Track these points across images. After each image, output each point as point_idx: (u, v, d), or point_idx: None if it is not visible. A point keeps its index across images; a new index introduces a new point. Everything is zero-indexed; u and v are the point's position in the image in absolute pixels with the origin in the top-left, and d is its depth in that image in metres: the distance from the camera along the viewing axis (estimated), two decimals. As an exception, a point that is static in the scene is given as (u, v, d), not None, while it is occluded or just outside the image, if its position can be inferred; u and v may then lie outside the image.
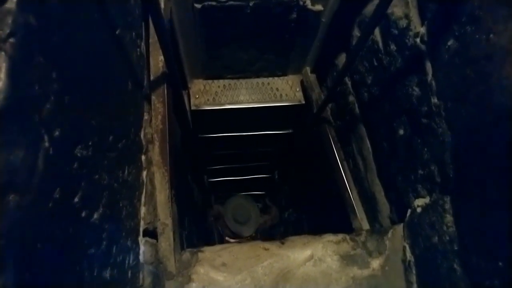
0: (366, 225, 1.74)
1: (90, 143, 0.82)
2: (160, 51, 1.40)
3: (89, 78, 0.85)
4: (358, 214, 1.76)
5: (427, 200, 1.29)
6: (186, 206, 2.64)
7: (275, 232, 4.22)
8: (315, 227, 2.91)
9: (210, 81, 2.17)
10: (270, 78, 2.22)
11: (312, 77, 2.13)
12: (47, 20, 0.66)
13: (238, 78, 2.20)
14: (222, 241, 4.52)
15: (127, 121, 1.16)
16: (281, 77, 2.23)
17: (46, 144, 0.63)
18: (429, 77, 1.24)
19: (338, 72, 1.94)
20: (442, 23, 1.17)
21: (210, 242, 3.98)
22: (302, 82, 2.22)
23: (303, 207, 3.30)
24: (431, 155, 1.25)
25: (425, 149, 1.27)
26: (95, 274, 0.82)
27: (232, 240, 4.13)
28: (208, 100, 2.12)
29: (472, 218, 1.03)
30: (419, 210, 1.32)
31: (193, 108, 2.09)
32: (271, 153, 3.12)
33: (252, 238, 4.36)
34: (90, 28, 0.86)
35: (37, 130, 0.61)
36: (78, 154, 0.76)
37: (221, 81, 2.18)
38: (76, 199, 0.74)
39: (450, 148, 1.13)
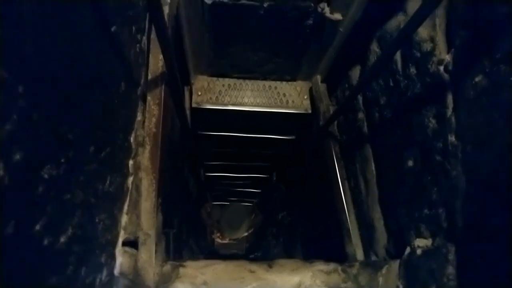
0: (360, 252, 1.66)
1: (62, 160, 0.73)
2: (162, 48, 1.29)
3: (70, 88, 0.75)
4: (353, 239, 1.68)
5: (428, 242, 1.20)
6: (179, 202, 2.56)
7: (268, 232, 4.17)
8: (307, 238, 2.84)
9: (214, 79, 2.06)
10: (278, 82, 2.11)
11: (323, 86, 2.02)
12: (17, 25, 0.56)
13: (244, 78, 2.08)
14: (212, 235, 4.50)
15: (115, 126, 1.07)
16: (290, 82, 2.11)
17: (1, 172, 0.54)
18: (449, 111, 1.13)
19: (350, 86, 1.82)
20: (471, 55, 1.05)
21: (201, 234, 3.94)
22: (311, 90, 2.10)
23: (298, 213, 3.22)
24: (440, 197, 1.15)
25: (435, 188, 1.17)
26: (54, 305, 0.73)
27: (220, 241, 4.24)
28: (210, 98, 2.02)
29: (478, 278, 0.94)
30: (419, 251, 1.23)
31: (194, 105, 1.98)
32: (271, 155, 3.02)
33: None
34: (76, 30, 0.75)
35: (-12, 158, 0.51)
36: (46, 176, 0.66)
37: (226, 79, 2.07)
38: (37, 227, 0.65)
39: (462, 196, 1.03)
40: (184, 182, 2.85)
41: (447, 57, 1.16)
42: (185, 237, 3.04)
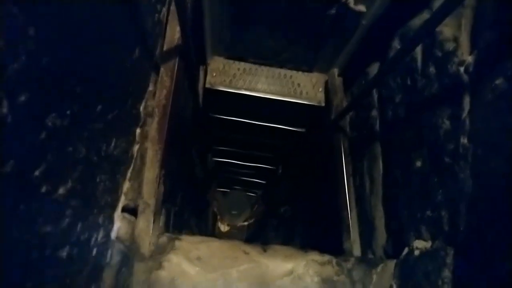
0: (357, 249, 1.64)
1: (68, 112, 0.73)
2: (181, 21, 1.29)
3: (81, 41, 0.75)
4: (351, 235, 1.66)
5: (428, 245, 1.17)
6: (183, 181, 2.58)
7: (268, 223, 4.17)
8: (306, 230, 2.83)
9: (231, 61, 2.05)
10: (294, 72, 2.08)
11: (339, 80, 1.99)
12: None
13: (260, 64, 2.07)
14: (215, 220, 4.53)
15: (125, 91, 1.07)
16: (306, 73, 2.09)
17: (4, 110, 0.54)
18: (465, 113, 1.10)
19: (367, 81, 1.79)
20: (494, 57, 1.02)
21: (203, 218, 3.97)
22: (326, 83, 2.07)
23: (300, 206, 3.21)
24: (444, 199, 1.12)
25: (440, 190, 1.15)
26: (46, 254, 0.74)
27: (222, 226, 4.32)
28: (224, 80, 2.01)
29: (475, 284, 0.92)
30: (417, 252, 1.21)
31: (207, 86, 1.98)
32: (279, 147, 3.01)
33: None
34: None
35: (-8, 93, 0.52)
36: (49, 124, 0.67)
37: (242, 63, 2.06)
38: (36, 173, 0.66)
39: (467, 199, 1.01)
40: (191, 163, 2.86)
41: (469, 58, 1.13)
42: (187, 218, 3.06)
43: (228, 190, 4.63)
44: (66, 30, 0.68)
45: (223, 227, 4.72)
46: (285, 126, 2.47)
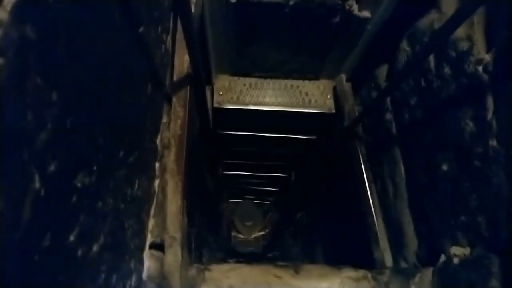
0: (388, 257, 1.60)
1: (94, 168, 0.71)
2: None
3: (102, 91, 0.73)
4: (381, 244, 1.62)
5: (466, 251, 1.14)
6: (199, 201, 2.56)
7: (285, 232, 4.13)
8: (328, 240, 2.79)
9: (236, 78, 2.03)
10: (300, 81, 2.06)
11: (347, 86, 1.96)
12: (50, 30, 0.53)
13: (266, 77, 2.04)
14: (229, 232, 4.50)
15: (143, 129, 1.05)
16: (312, 81, 2.06)
17: (37, 185, 0.52)
18: (489, 114, 1.07)
19: (377, 85, 1.76)
20: (515, 54, 0.99)
21: (219, 233, 3.94)
22: (334, 89, 2.05)
23: (317, 213, 3.18)
24: (479, 204, 1.09)
25: (474, 195, 1.12)
26: (87, 316, 0.72)
27: (239, 235, 4.29)
28: (231, 98, 1.99)
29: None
30: (456, 260, 1.17)
31: (215, 105, 1.96)
32: (290, 155, 2.98)
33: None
34: (106, 33, 0.73)
35: (25, 170, 0.49)
36: (78, 185, 0.65)
37: (247, 79, 2.03)
38: (71, 238, 0.63)
39: (506, 204, 0.97)
40: (203, 180, 2.84)
41: (487, 57, 1.10)
42: (205, 235, 3.04)
43: (241, 201, 4.60)
44: (85, 85, 0.66)
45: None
46: (295, 135, 2.44)
